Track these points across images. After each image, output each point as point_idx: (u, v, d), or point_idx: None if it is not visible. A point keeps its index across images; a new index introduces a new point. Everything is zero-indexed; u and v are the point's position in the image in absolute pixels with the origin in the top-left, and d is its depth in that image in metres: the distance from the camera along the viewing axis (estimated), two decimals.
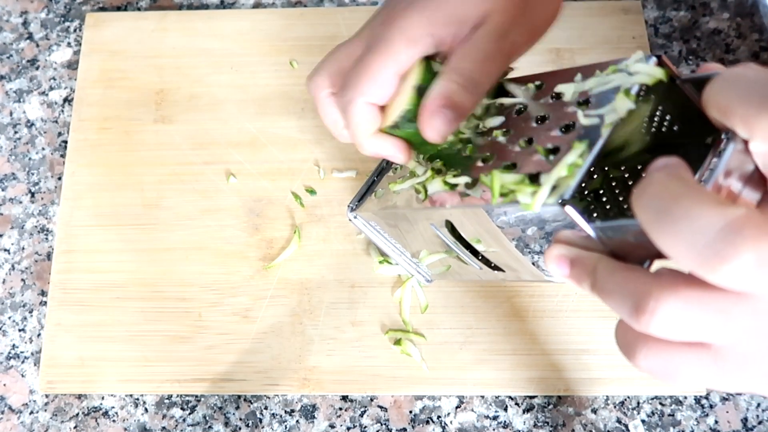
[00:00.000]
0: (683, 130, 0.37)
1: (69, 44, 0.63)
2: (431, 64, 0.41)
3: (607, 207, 0.41)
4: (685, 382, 0.31)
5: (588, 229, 0.33)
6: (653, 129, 0.38)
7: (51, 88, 0.62)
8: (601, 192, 0.41)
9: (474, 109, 0.41)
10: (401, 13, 0.41)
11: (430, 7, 0.40)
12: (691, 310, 0.28)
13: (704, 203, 0.27)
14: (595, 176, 0.40)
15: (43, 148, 0.60)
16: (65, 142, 0.60)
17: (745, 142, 0.30)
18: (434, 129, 0.39)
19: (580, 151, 0.33)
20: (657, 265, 0.32)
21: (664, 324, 0.29)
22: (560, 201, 0.33)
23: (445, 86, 0.39)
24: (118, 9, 0.65)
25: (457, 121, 0.39)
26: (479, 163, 0.39)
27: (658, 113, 0.38)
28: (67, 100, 0.61)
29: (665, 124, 0.38)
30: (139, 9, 0.65)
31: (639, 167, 0.40)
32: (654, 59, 0.35)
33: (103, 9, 0.65)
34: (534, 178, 0.35)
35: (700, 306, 0.28)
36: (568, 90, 0.38)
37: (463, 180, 0.39)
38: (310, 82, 0.45)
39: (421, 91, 0.40)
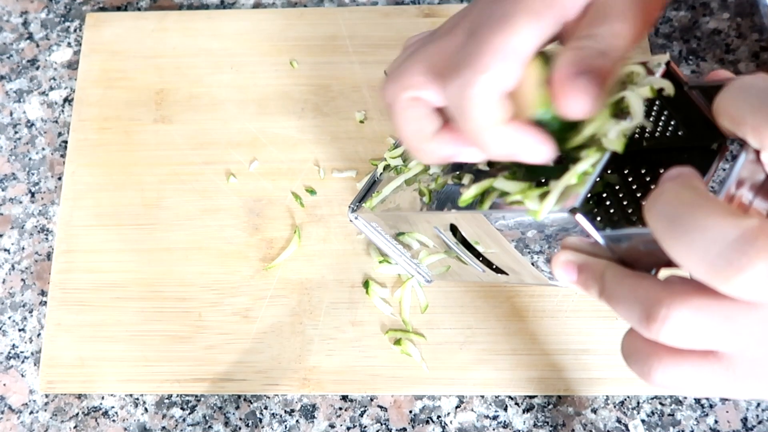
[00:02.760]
0: (689, 135, 0.37)
1: (69, 44, 0.63)
2: (546, 56, 0.34)
3: (611, 211, 0.41)
4: (698, 394, 0.31)
5: (597, 237, 0.33)
6: (657, 133, 0.38)
7: (51, 88, 0.62)
8: (604, 195, 0.41)
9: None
10: None
11: None
12: (702, 318, 0.28)
13: (717, 213, 0.27)
14: (597, 179, 0.40)
15: (43, 148, 0.60)
16: (65, 142, 0.60)
17: (757, 153, 0.30)
18: (577, 97, 0.31)
19: (594, 160, 0.33)
20: (664, 272, 0.32)
21: (675, 332, 0.29)
22: (570, 209, 0.32)
23: (574, 53, 0.32)
24: (118, 9, 0.65)
25: (600, 88, 0.31)
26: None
27: (663, 118, 0.38)
28: (67, 100, 0.61)
29: (670, 128, 0.38)
30: (139, 9, 0.65)
31: (642, 171, 0.40)
32: (663, 66, 0.34)
33: (103, 9, 0.65)
34: (540, 184, 0.35)
35: (711, 314, 0.28)
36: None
37: (467, 179, 0.39)
38: (391, 83, 0.37)
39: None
